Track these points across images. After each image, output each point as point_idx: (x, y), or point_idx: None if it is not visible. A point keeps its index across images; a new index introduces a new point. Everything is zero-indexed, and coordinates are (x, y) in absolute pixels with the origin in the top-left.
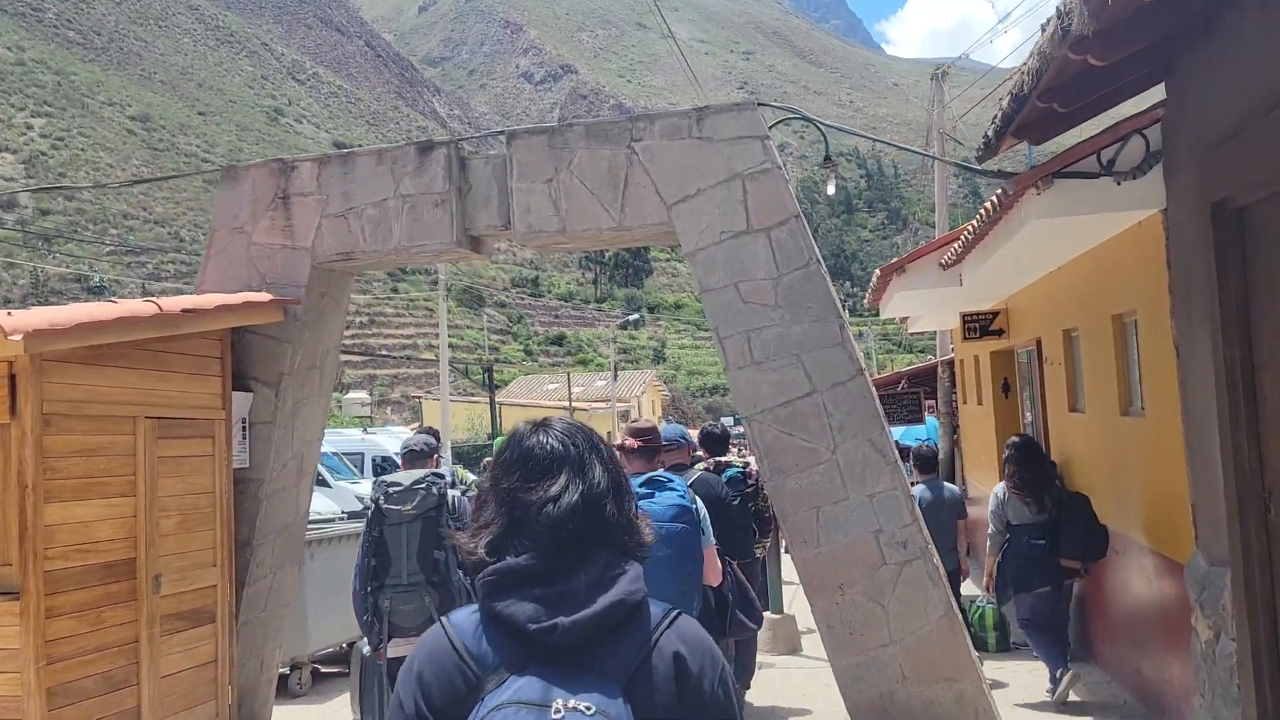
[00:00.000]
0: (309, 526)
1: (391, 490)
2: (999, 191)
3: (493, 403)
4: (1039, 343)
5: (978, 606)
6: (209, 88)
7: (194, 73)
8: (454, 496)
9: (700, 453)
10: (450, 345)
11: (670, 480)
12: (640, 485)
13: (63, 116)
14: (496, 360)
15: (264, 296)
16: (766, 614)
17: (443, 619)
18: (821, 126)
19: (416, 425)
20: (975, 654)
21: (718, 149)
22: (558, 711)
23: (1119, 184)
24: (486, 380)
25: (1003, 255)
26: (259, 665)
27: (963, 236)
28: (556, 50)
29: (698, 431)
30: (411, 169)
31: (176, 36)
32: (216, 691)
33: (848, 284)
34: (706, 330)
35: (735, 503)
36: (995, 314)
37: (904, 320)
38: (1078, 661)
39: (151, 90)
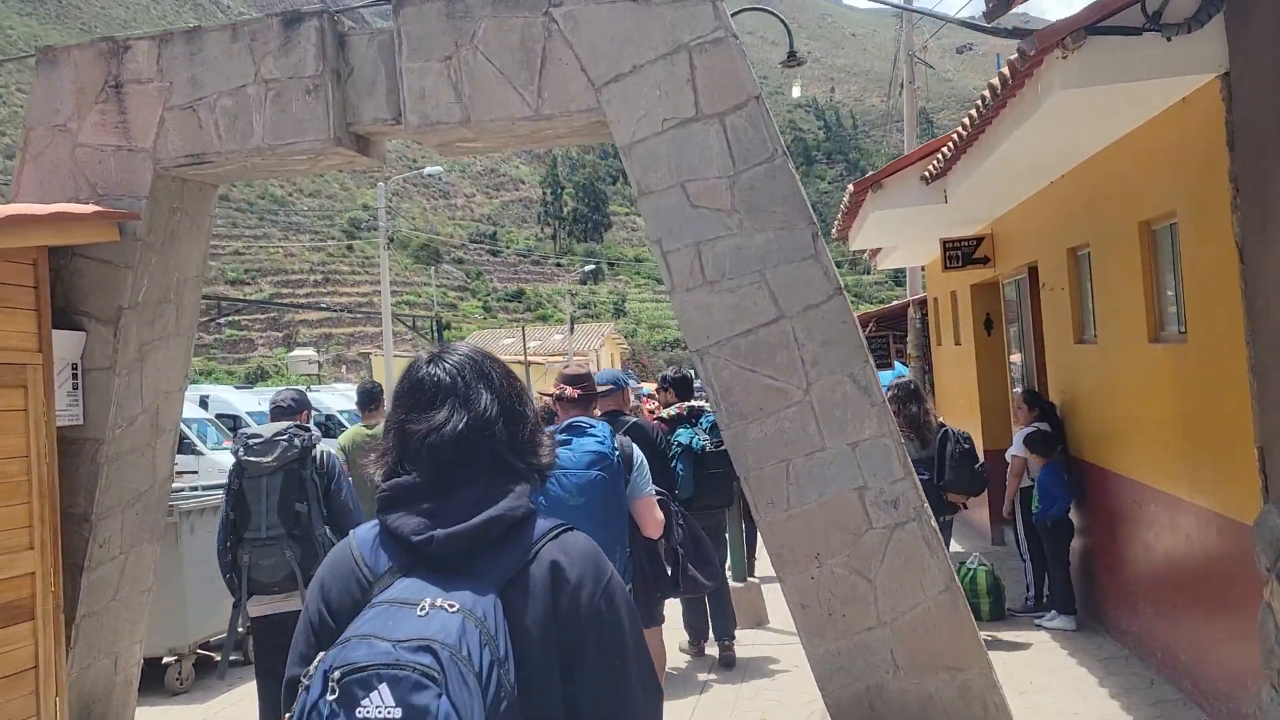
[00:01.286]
0: (196, 494)
1: (252, 442)
2: (1010, 60)
3: None
4: (1031, 270)
5: (967, 569)
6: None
7: (133, 23)
8: (323, 452)
9: (666, 399)
10: (407, 302)
11: (590, 426)
12: (559, 433)
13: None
14: (455, 318)
15: (85, 208)
16: (734, 585)
17: (349, 534)
18: (784, 20)
19: (365, 380)
20: (980, 636)
21: (658, 14)
22: (423, 609)
23: (1169, 39)
24: (436, 335)
25: (1003, 155)
26: (112, 665)
27: (951, 141)
28: None
29: (656, 380)
30: (275, 47)
31: None
32: (38, 705)
33: None
34: (665, 285)
35: (722, 448)
36: (980, 240)
37: (874, 255)
38: (1084, 630)
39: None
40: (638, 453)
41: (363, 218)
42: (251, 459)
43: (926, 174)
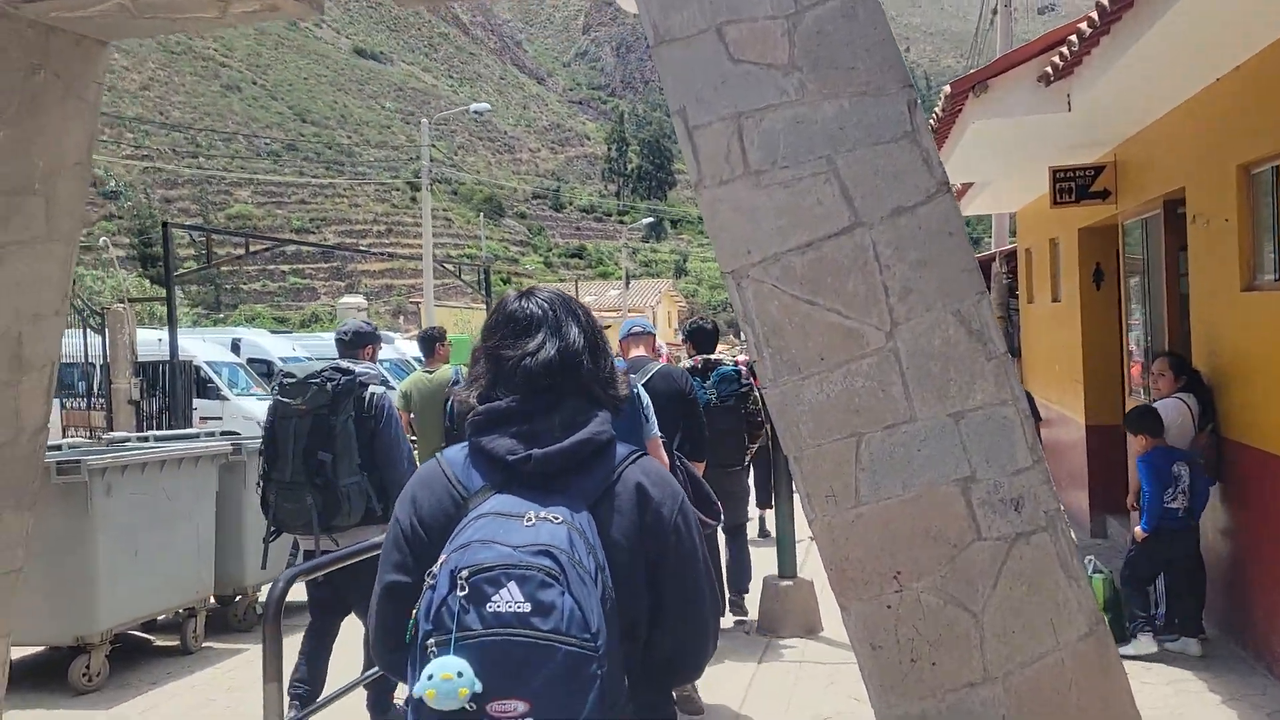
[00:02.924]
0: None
1: (285, 382)
2: None
3: (489, 306)
4: (1169, 202)
5: None
6: None
7: None
8: (372, 393)
9: (688, 352)
10: (468, 256)
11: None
12: None
13: None
14: (515, 273)
15: None
16: (777, 580)
17: (437, 455)
18: None
19: (414, 330)
20: (1134, 699)
21: None
22: (529, 520)
23: None
24: (482, 284)
25: (1163, 33)
26: None
27: (1087, 21)
28: None
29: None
30: None
31: None
32: None
33: None
34: None
35: (728, 403)
36: (1099, 169)
37: (961, 194)
38: (1228, 661)
39: None
40: (644, 394)
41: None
42: (283, 399)
43: (1047, 71)
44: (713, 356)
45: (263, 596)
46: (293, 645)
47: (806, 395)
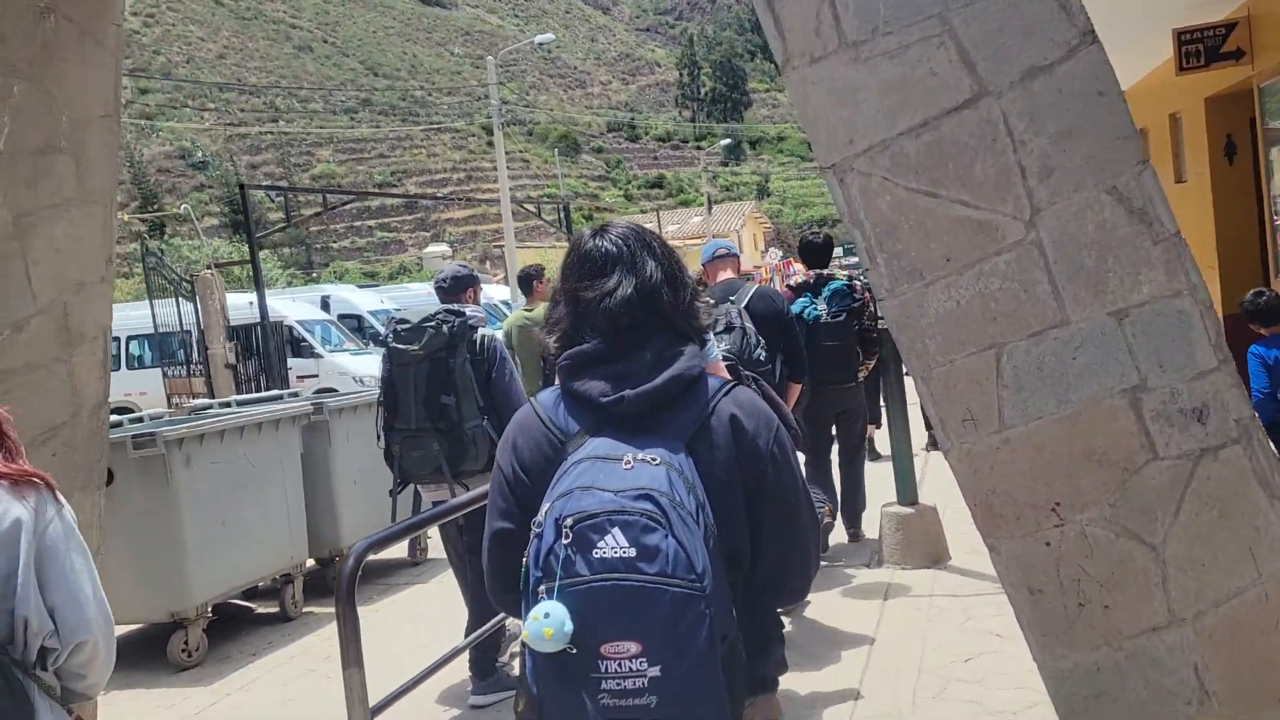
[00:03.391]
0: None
1: (400, 329)
2: None
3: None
4: None
5: None
6: None
7: None
8: (483, 336)
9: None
10: (548, 195)
11: None
12: None
13: None
14: (597, 208)
15: None
16: (897, 507)
17: (531, 399)
18: None
19: (500, 275)
20: None
21: None
22: (628, 463)
23: None
24: (563, 222)
25: None
26: None
27: None
28: None
29: (798, 244)
30: None
31: None
32: None
33: None
34: (810, 161)
35: (840, 319)
36: (1230, 26)
37: None
38: None
39: None
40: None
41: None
42: (399, 346)
43: None
44: (825, 271)
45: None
46: (377, 617)
47: (932, 304)
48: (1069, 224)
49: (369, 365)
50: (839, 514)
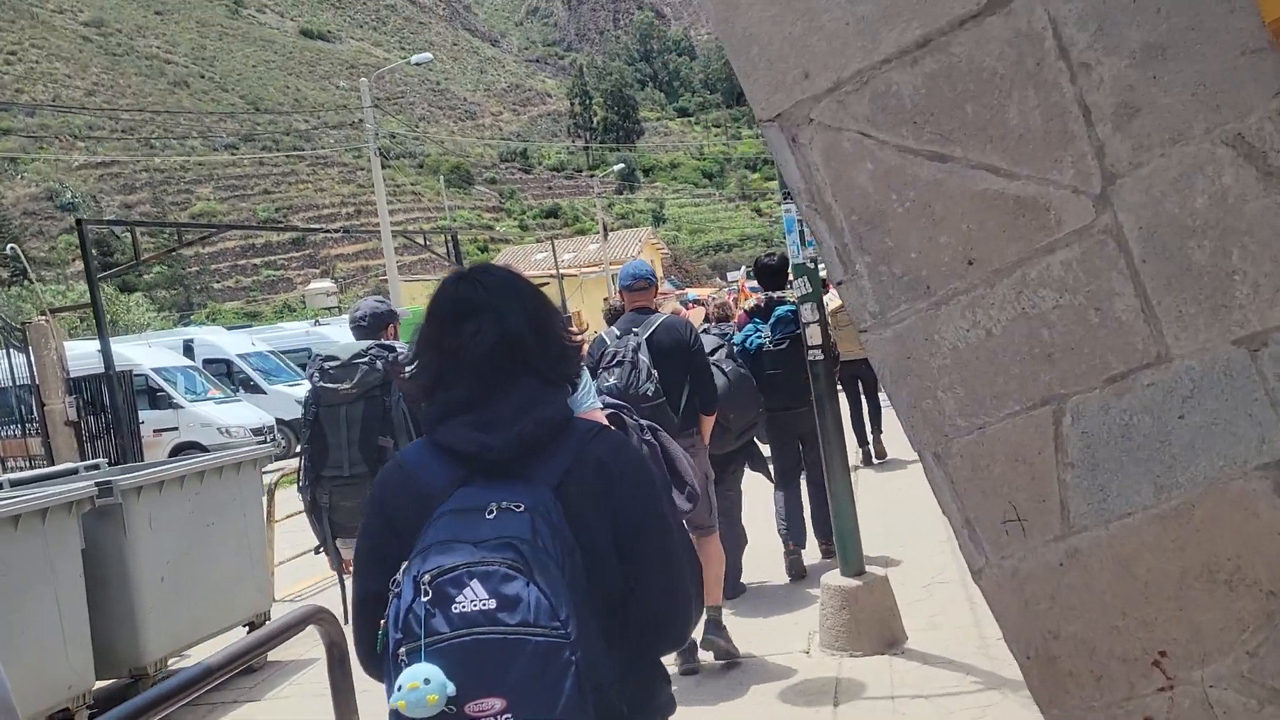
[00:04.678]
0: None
1: (328, 366)
2: None
3: None
4: None
5: None
6: None
7: None
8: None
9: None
10: (441, 228)
11: None
12: None
13: (12, 29)
14: (492, 239)
15: None
16: (840, 580)
17: (396, 454)
18: None
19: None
20: None
21: None
22: (491, 512)
23: None
24: (452, 252)
25: None
26: None
27: None
28: None
29: (751, 264)
30: None
31: None
32: None
33: None
34: (705, 188)
35: (782, 346)
36: None
37: None
38: None
39: None
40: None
41: (389, 146)
42: (328, 385)
43: None
44: (777, 294)
45: (185, 664)
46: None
47: (947, 335)
48: (1164, 198)
49: (237, 414)
50: (813, 530)
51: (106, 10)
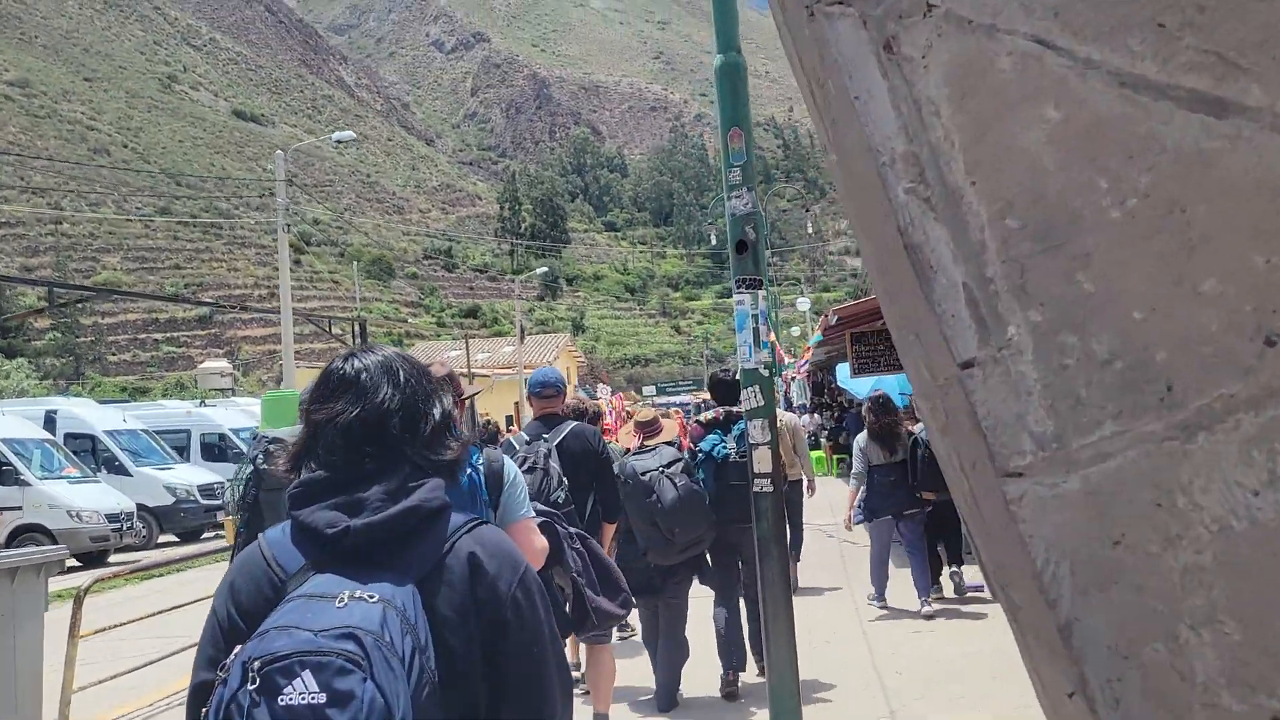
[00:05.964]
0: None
1: (272, 448)
2: None
3: None
4: None
5: None
6: (95, 53)
7: (79, 37)
8: None
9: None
10: (358, 318)
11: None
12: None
13: None
14: (407, 333)
15: None
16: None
17: (259, 535)
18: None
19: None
20: None
21: None
22: (341, 601)
23: None
24: (359, 340)
25: None
26: None
27: None
28: (468, 18)
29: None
30: None
31: None
32: None
33: (768, 253)
34: (625, 301)
35: (744, 460)
36: None
37: None
38: None
39: (31, 55)
40: (510, 468)
41: (311, 232)
42: (272, 468)
43: None
44: (735, 408)
45: None
46: None
47: (1206, 498)
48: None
49: (91, 497)
50: (751, 647)
51: (34, 72)
